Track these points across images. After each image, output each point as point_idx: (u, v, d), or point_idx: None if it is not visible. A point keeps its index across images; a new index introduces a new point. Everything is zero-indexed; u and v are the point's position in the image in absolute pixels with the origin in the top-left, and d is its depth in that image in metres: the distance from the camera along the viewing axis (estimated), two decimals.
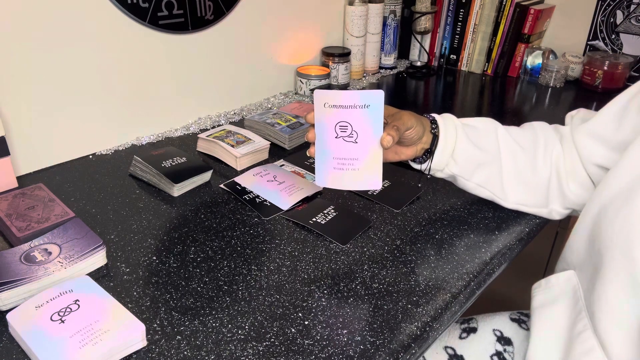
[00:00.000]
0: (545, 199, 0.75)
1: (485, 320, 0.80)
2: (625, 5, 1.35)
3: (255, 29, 1.15)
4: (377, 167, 0.65)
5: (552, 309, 0.65)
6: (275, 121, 1.02)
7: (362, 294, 0.63)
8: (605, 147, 0.69)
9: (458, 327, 0.80)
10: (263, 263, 0.68)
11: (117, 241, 0.71)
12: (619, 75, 1.33)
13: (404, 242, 0.73)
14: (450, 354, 0.77)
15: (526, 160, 0.74)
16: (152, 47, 0.98)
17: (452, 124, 0.72)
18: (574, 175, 0.73)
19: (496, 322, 0.79)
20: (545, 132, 0.76)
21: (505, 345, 0.76)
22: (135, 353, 0.54)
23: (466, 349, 0.77)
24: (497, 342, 0.77)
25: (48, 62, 0.85)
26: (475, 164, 0.73)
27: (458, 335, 0.79)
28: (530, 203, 0.76)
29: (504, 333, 0.78)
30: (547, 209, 0.76)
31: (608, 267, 0.56)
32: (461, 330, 0.80)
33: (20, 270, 0.60)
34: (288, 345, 0.55)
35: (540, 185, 0.74)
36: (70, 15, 0.84)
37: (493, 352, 0.76)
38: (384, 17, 1.44)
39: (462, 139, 0.72)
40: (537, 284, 0.70)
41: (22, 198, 0.75)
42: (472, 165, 0.73)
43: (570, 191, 0.73)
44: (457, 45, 1.52)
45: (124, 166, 0.91)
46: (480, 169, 0.73)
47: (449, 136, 0.71)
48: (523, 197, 0.76)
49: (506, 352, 0.76)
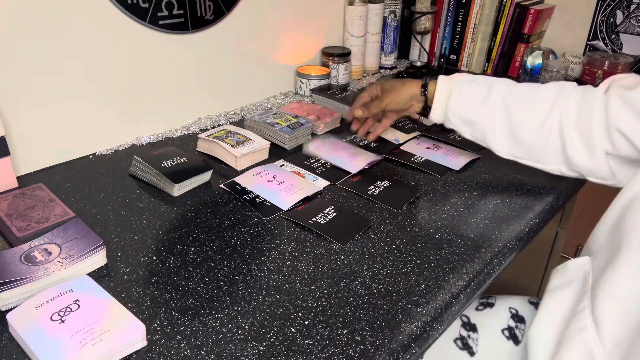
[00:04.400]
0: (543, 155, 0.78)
1: (504, 299, 0.83)
2: (625, 5, 1.35)
3: (255, 29, 1.15)
4: None
5: (562, 292, 0.67)
6: (275, 121, 1.02)
7: (362, 294, 0.63)
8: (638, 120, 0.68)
9: (476, 301, 0.84)
10: (263, 263, 0.68)
11: (117, 241, 0.71)
12: None
13: (404, 242, 0.73)
14: (464, 321, 0.80)
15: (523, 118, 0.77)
16: (152, 47, 0.98)
17: (448, 86, 0.84)
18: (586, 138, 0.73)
19: (514, 302, 0.82)
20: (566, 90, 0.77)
21: (518, 322, 0.79)
22: (135, 353, 0.54)
23: (480, 320, 0.80)
24: (511, 319, 0.79)
25: (48, 62, 0.85)
26: (465, 120, 0.83)
27: (475, 307, 0.83)
28: (525, 157, 0.80)
29: (519, 312, 0.80)
30: (546, 166, 0.79)
31: (623, 255, 0.59)
32: (479, 303, 0.83)
33: (20, 270, 0.60)
34: (288, 345, 0.55)
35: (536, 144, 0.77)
36: (70, 15, 0.84)
37: (505, 326, 0.78)
38: (384, 17, 1.44)
39: (455, 99, 0.83)
40: (555, 269, 0.71)
41: (22, 198, 0.75)
42: (463, 122, 0.84)
43: (575, 154, 0.75)
44: (457, 45, 1.52)
45: (124, 166, 0.91)
46: (472, 125, 0.83)
47: (441, 97, 0.85)
48: (517, 151, 0.80)
49: (517, 328, 0.78)
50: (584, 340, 0.58)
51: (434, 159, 0.96)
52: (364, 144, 1.02)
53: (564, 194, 0.87)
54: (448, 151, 0.98)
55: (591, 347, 0.57)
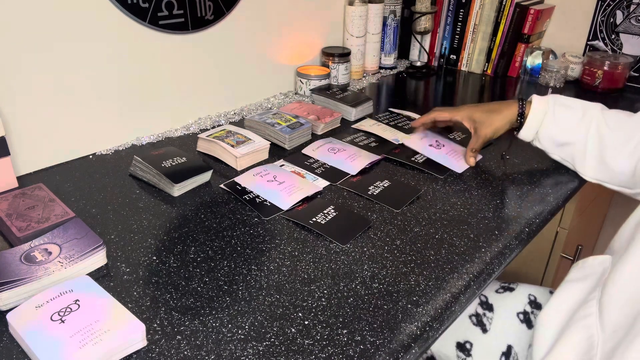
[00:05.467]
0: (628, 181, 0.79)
1: (525, 287, 0.85)
2: (625, 6, 1.35)
3: (255, 29, 1.15)
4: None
5: (577, 284, 0.68)
6: (275, 121, 1.02)
7: (362, 294, 0.63)
8: None
9: (498, 284, 0.86)
10: (263, 263, 0.68)
11: (117, 241, 0.71)
12: (619, 76, 1.33)
13: (404, 242, 0.73)
14: (482, 300, 0.83)
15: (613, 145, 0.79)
16: (152, 47, 0.98)
17: (543, 106, 0.86)
18: None
19: (534, 290, 0.84)
20: None
21: (535, 308, 0.81)
22: (135, 353, 0.54)
23: (498, 301, 0.82)
24: (528, 305, 0.81)
25: (48, 62, 0.85)
26: (557, 143, 0.86)
27: (495, 289, 0.85)
28: (611, 182, 0.83)
29: (537, 299, 0.82)
30: (632, 191, 0.81)
31: (635, 247, 0.61)
32: (500, 286, 0.86)
33: (20, 270, 0.60)
34: (288, 345, 0.55)
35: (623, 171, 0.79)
36: (70, 15, 0.84)
37: (521, 310, 0.80)
38: (384, 17, 1.44)
39: (549, 122, 0.85)
40: (575, 264, 0.73)
41: (22, 198, 0.75)
42: (555, 144, 0.86)
43: None
44: (457, 45, 1.52)
45: (124, 166, 0.91)
46: (562, 147, 0.86)
47: (534, 120, 0.86)
48: (602, 176, 0.83)
49: (533, 314, 0.80)
50: (586, 325, 0.60)
51: (436, 158, 0.96)
52: (364, 144, 1.02)
53: (564, 194, 0.87)
54: (451, 150, 0.98)
55: (591, 332, 0.59)
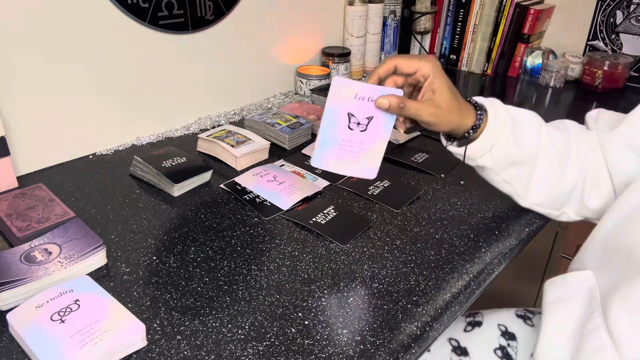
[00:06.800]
0: (562, 203, 0.74)
1: (491, 315, 0.80)
2: (625, 5, 1.35)
3: (255, 29, 1.15)
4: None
5: (565, 306, 0.64)
6: (275, 121, 1.02)
7: (362, 294, 0.63)
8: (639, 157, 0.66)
9: (463, 320, 0.81)
10: (263, 263, 0.68)
11: (117, 241, 0.71)
12: (619, 75, 1.33)
13: (404, 242, 0.73)
14: (454, 345, 0.77)
15: (558, 166, 0.71)
16: (152, 47, 0.98)
17: (501, 116, 0.69)
18: (597, 186, 0.71)
19: (501, 317, 0.80)
20: (579, 138, 0.73)
21: (510, 340, 0.76)
22: (135, 353, 0.54)
23: (470, 342, 0.77)
24: (502, 337, 0.77)
25: (48, 62, 0.85)
26: (510, 161, 0.71)
27: (463, 328, 0.79)
28: (546, 205, 0.75)
29: (508, 328, 0.78)
30: (559, 212, 0.75)
31: (638, 271, 0.55)
32: (466, 323, 0.80)
33: (20, 270, 0.60)
34: (288, 345, 0.55)
35: (564, 192, 0.73)
36: (70, 15, 0.84)
37: (497, 346, 0.76)
38: (384, 17, 1.44)
39: (507, 135, 0.69)
40: (550, 281, 0.68)
41: (22, 198, 0.75)
42: (507, 161, 0.71)
43: (589, 201, 0.72)
44: (457, 45, 1.52)
45: (124, 166, 0.91)
46: (513, 166, 0.71)
47: (496, 130, 0.68)
48: (542, 199, 0.74)
49: (510, 347, 0.76)
50: None
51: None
52: None
53: None
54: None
55: None
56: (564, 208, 0.75)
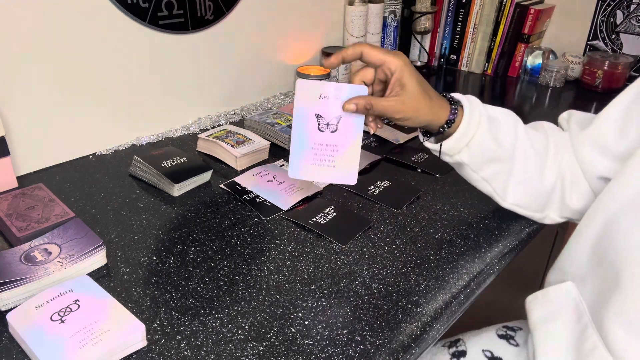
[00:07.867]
0: (543, 205, 0.73)
1: (473, 340, 0.77)
2: (625, 5, 1.35)
3: (255, 29, 1.15)
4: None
5: (554, 324, 0.62)
6: (275, 121, 1.02)
7: (362, 294, 0.63)
8: (609, 157, 0.66)
9: (447, 352, 0.76)
10: (263, 263, 0.68)
11: (117, 241, 0.71)
12: (619, 75, 1.33)
13: (404, 242, 0.73)
14: None
15: (536, 165, 0.71)
16: (152, 47, 0.98)
17: (477, 111, 0.67)
18: (577, 186, 0.71)
19: (484, 342, 0.76)
20: (556, 138, 0.73)
21: None
22: (135, 353, 0.54)
23: None
24: None
25: (48, 62, 0.85)
26: (488, 157, 0.69)
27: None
28: (527, 206, 0.74)
29: (494, 353, 0.74)
30: (542, 214, 0.74)
31: (628, 283, 0.53)
32: (450, 355, 0.76)
33: (20, 270, 0.60)
34: (288, 345, 0.55)
35: (543, 192, 0.72)
36: (70, 15, 0.84)
37: None
38: (384, 17, 1.44)
39: (484, 131, 0.67)
40: (532, 297, 0.66)
41: (22, 198, 0.75)
42: (485, 158, 0.69)
43: (571, 201, 0.71)
44: (457, 45, 1.52)
45: (124, 166, 0.91)
46: (490, 163, 0.70)
47: (472, 124, 0.66)
48: (522, 199, 0.73)
49: None
50: None
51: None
52: (364, 144, 1.02)
53: None
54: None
55: None
56: (546, 210, 0.74)
